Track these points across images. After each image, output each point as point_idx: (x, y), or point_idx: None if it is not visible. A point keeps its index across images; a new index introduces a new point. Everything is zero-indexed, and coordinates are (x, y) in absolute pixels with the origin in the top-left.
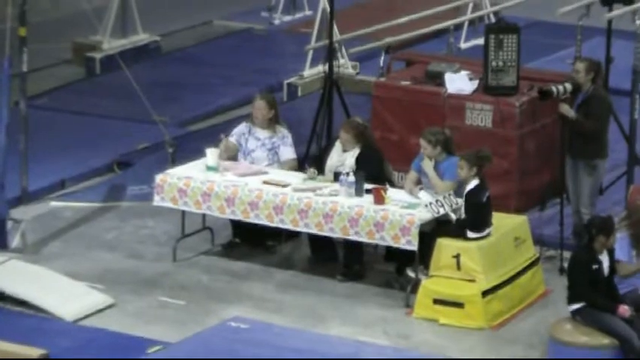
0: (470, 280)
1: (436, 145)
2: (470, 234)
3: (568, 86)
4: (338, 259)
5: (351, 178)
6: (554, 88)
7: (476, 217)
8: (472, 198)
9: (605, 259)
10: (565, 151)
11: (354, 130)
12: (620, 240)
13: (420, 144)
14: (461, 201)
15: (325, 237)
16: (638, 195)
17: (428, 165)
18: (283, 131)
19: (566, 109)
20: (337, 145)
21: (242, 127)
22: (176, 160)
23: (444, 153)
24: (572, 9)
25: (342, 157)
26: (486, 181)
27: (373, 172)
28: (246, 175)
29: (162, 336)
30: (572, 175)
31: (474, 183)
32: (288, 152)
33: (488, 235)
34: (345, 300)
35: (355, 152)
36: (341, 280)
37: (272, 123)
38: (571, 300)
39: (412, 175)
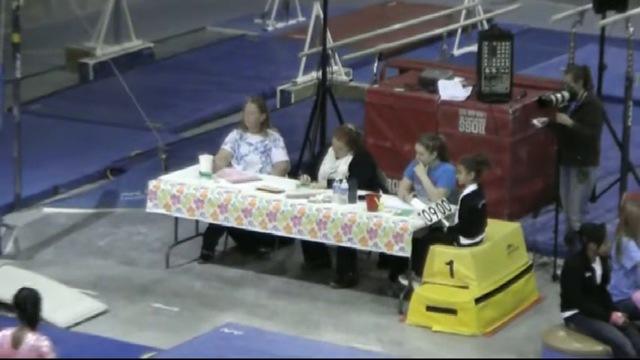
0: (463, 287)
1: (433, 151)
2: (462, 240)
3: (566, 94)
4: (331, 266)
5: (345, 185)
6: (553, 97)
7: (469, 223)
8: (467, 202)
9: (598, 266)
10: (559, 158)
11: (347, 137)
12: (630, 244)
13: (414, 150)
14: (455, 207)
15: (318, 244)
16: (627, 200)
17: (421, 171)
18: (275, 134)
19: (564, 118)
20: (330, 152)
21: (234, 134)
22: (169, 166)
23: (439, 159)
24: (565, 16)
25: (335, 164)
26: (482, 187)
27: (366, 179)
28: (240, 182)
29: (155, 342)
30: (564, 182)
31: (471, 188)
32: (280, 154)
33: (481, 241)
34: (338, 307)
35: (348, 159)
36: (334, 287)
37: (264, 127)
38: (564, 307)
39: (405, 181)
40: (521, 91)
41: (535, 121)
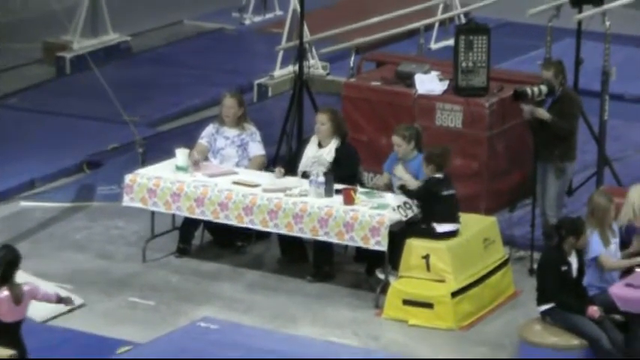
0: (439, 281)
1: (410, 141)
2: (437, 227)
3: (543, 88)
4: (308, 260)
5: (321, 178)
6: (528, 90)
7: (429, 205)
8: (428, 185)
9: (574, 260)
10: (536, 153)
11: (330, 113)
12: (593, 236)
13: (391, 144)
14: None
15: (295, 237)
16: (596, 192)
17: (402, 171)
18: (252, 128)
19: (541, 112)
20: (312, 141)
21: (210, 129)
22: (146, 160)
23: (416, 150)
24: (542, 10)
25: (318, 152)
26: (450, 179)
27: (351, 169)
28: (216, 176)
29: (131, 336)
30: (541, 177)
31: (437, 176)
32: (257, 148)
33: (457, 233)
34: (314, 301)
35: (331, 148)
36: (311, 281)
37: (241, 121)
38: (540, 301)
39: (385, 176)
40: (497, 85)
41: (524, 106)
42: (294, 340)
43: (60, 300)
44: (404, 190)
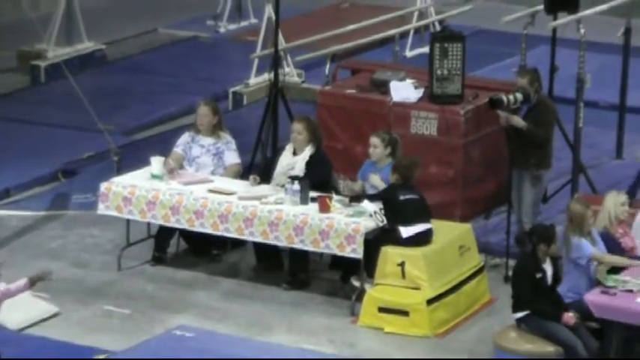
0: (415, 289)
1: (387, 145)
2: (402, 231)
3: (519, 96)
4: (283, 268)
5: (296, 186)
6: (504, 98)
7: (392, 212)
8: (385, 190)
9: (548, 267)
10: (511, 160)
11: (306, 121)
12: (581, 240)
13: (366, 152)
14: None
15: (270, 245)
16: (573, 200)
17: (376, 179)
18: (227, 137)
19: (517, 120)
20: (287, 149)
21: (185, 137)
22: (121, 168)
23: (390, 157)
24: (517, 17)
25: (293, 160)
26: (412, 186)
27: (324, 177)
28: (192, 184)
29: (107, 345)
30: (516, 184)
31: (394, 182)
32: (232, 157)
33: (427, 235)
34: (290, 308)
35: (306, 155)
36: (286, 289)
37: (216, 129)
38: (516, 308)
39: (358, 184)
40: (473, 92)
41: (500, 113)
42: (269, 348)
43: (33, 282)
44: (367, 194)
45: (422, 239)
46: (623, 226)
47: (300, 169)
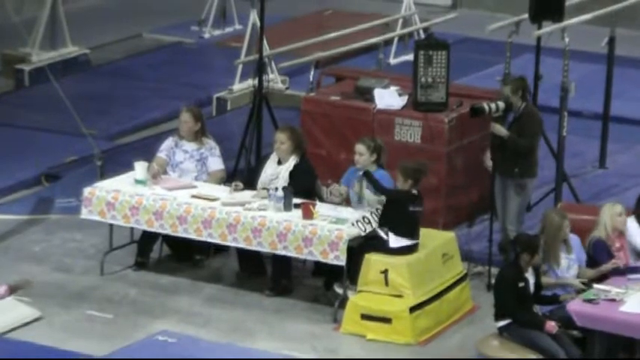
0: (397, 296)
1: (373, 152)
2: (392, 242)
3: (501, 104)
4: (266, 274)
5: (280, 193)
6: (486, 106)
7: (392, 216)
8: (401, 194)
9: (531, 276)
10: (495, 169)
11: (289, 131)
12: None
13: (350, 159)
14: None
15: (253, 251)
16: (550, 209)
17: (360, 187)
18: (211, 143)
19: (498, 129)
20: (272, 158)
21: (169, 142)
22: (105, 173)
23: (375, 164)
24: (501, 26)
25: (277, 169)
26: (422, 198)
27: (307, 185)
28: (175, 189)
29: (89, 350)
30: (500, 192)
31: (413, 192)
32: (216, 163)
33: (414, 248)
34: (273, 315)
35: (290, 165)
36: (269, 295)
37: (199, 135)
38: (498, 316)
39: (344, 188)
40: (457, 100)
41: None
42: (251, 354)
43: (13, 290)
44: (376, 184)
45: (407, 251)
46: (622, 240)
47: (283, 179)
